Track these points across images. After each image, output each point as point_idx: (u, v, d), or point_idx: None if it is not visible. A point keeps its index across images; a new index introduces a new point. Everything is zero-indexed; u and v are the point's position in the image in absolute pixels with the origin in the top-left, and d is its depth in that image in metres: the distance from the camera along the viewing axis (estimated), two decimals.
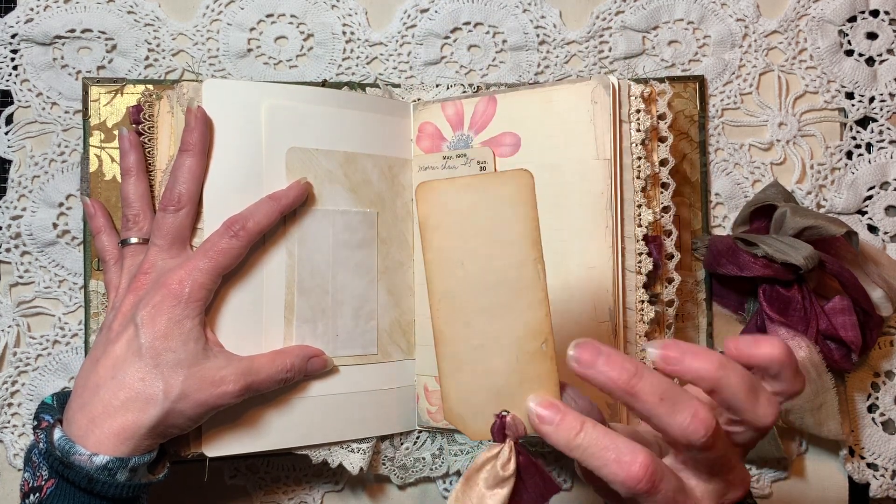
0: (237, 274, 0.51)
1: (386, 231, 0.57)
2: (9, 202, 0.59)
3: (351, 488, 0.61)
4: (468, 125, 0.57)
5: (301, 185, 0.52)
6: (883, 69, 0.62)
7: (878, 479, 0.60)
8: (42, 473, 0.46)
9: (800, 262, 0.54)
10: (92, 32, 0.60)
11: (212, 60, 0.61)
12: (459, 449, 0.58)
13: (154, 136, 0.53)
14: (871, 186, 0.62)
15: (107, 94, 0.57)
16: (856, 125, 0.62)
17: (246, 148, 0.52)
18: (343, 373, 0.55)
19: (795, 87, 0.62)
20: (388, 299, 0.57)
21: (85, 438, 0.45)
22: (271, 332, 0.52)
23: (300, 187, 0.52)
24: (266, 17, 0.61)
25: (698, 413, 0.34)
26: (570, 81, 0.55)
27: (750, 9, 0.62)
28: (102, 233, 0.54)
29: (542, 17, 0.62)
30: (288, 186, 0.52)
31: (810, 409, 0.56)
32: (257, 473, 0.60)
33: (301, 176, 0.53)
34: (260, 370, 0.50)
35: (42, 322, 0.59)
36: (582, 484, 0.61)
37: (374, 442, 0.56)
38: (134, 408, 0.46)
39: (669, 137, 0.55)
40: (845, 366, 0.57)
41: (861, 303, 0.56)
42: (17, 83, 0.60)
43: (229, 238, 0.49)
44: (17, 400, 0.59)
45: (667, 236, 0.55)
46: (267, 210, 0.51)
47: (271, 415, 0.52)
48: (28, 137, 0.60)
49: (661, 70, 0.62)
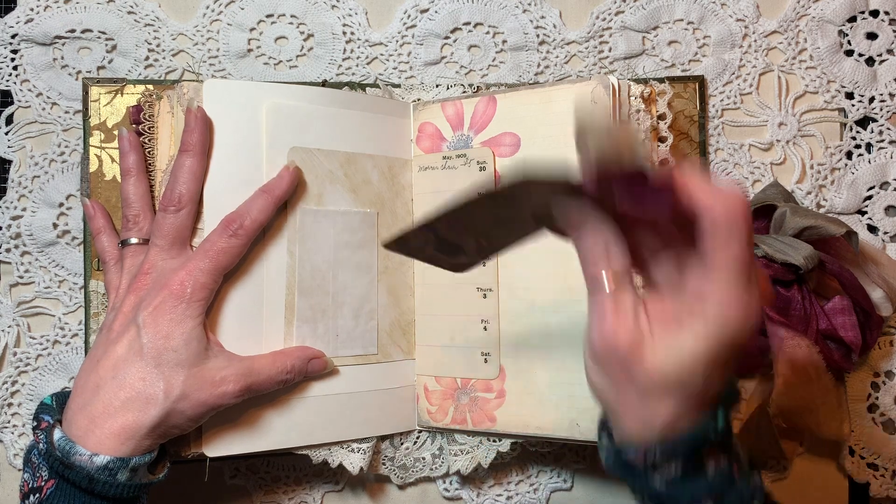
0: (238, 274, 0.51)
1: (386, 231, 0.57)
2: (9, 202, 0.59)
3: (351, 488, 0.61)
4: (468, 125, 0.57)
5: (291, 171, 0.52)
6: (883, 69, 0.62)
7: (878, 479, 0.60)
8: (42, 474, 0.46)
9: (800, 262, 0.54)
10: (92, 32, 0.60)
11: (212, 60, 0.61)
12: (459, 449, 0.58)
13: (154, 137, 0.53)
14: (871, 186, 0.62)
15: (107, 95, 0.57)
16: (856, 125, 0.62)
17: (246, 148, 0.52)
18: (343, 373, 0.55)
19: (795, 88, 0.62)
20: (389, 299, 0.57)
21: (85, 438, 0.45)
22: (271, 333, 0.52)
23: (291, 174, 0.52)
24: (266, 18, 0.61)
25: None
26: (570, 81, 0.55)
27: (750, 9, 0.62)
28: (102, 233, 0.54)
29: (542, 17, 0.62)
30: (278, 176, 0.52)
31: (810, 409, 0.56)
32: (257, 473, 0.60)
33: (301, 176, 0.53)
34: (260, 371, 0.50)
35: (42, 322, 0.59)
36: (582, 484, 0.61)
37: (374, 442, 0.56)
38: (134, 408, 0.46)
39: (669, 137, 0.55)
40: (845, 366, 0.57)
41: (861, 303, 0.56)
42: (17, 83, 0.60)
43: (228, 237, 0.49)
44: (17, 400, 0.59)
45: None
46: (263, 204, 0.51)
47: (271, 415, 0.52)
48: (28, 137, 0.60)
49: (661, 70, 0.62)
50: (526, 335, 0.54)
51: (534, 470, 0.61)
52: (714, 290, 0.33)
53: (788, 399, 0.56)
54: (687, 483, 0.37)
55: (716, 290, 0.33)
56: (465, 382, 0.56)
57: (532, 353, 0.54)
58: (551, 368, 0.52)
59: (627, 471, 0.38)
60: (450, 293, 0.56)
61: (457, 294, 0.56)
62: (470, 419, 0.56)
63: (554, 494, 0.61)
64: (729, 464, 0.37)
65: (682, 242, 0.35)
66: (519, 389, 0.54)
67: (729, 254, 0.33)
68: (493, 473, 0.61)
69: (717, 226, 0.33)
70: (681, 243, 0.35)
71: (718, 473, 0.37)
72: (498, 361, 0.55)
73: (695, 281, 0.34)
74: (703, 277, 0.34)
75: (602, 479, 0.61)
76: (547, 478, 0.61)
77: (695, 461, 0.37)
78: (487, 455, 0.58)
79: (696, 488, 0.37)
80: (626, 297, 0.36)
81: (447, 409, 0.56)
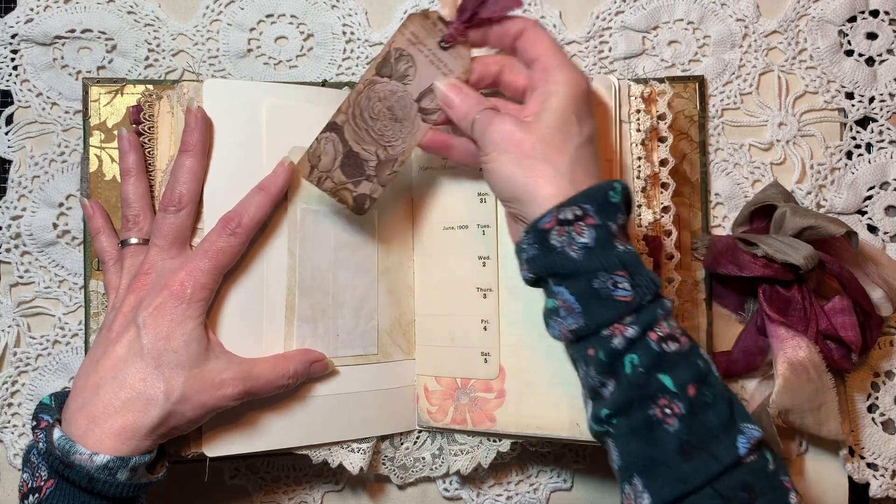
0: (238, 274, 0.51)
1: (386, 231, 0.57)
2: (9, 202, 0.59)
3: (351, 488, 0.61)
4: None
5: (286, 167, 0.52)
6: (883, 69, 0.62)
7: (878, 479, 0.60)
8: (41, 474, 0.46)
9: (800, 262, 0.54)
10: (92, 32, 0.60)
11: (212, 60, 0.61)
12: (459, 449, 0.58)
13: (154, 137, 0.53)
14: (870, 186, 0.62)
15: (107, 95, 0.57)
16: (856, 125, 0.62)
17: (246, 148, 0.52)
18: (343, 373, 0.55)
19: (795, 87, 0.62)
20: (389, 299, 0.57)
21: (85, 438, 0.45)
22: (272, 332, 0.52)
23: (286, 170, 0.52)
24: (266, 18, 0.61)
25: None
26: None
27: (750, 9, 0.62)
28: (101, 234, 0.54)
29: (542, 17, 0.62)
30: (273, 172, 0.52)
31: (810, 409, 0.56)
32: (257, 473, 0.60)
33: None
34: (260, 375, 0.50)
35: (42, 322, 0.59)
36: (582, 484, 0.61)
37: (374, 442, 0.56)
38: (135, 408, 0.46)
39: (669, 137, 0.55)
40: (845, 366, 0.57)
41: (861, 303, 0.56)
42: (17, 83, 0.60)
43: (227, 236, 0.49)
44: (17, 400, 0.59)
45: (666, 236, 0.55)
46: (260, 201, 0.51)
47: (271, 415, 0.52)
48: (28, 137, 0.60)
49: (661, 70, 0.62)
50: (526, 335, 0.54)
51: (534, 470, 0.61)
52: (554, 66, 0.46)
53: (788, 399, 0.56)
54: (599, 253, 0.43)
55: (555, 65, 0.46)
56: (465, 382, 0.56)
57: (532, 353, 0.54)
58: (552, 368, 0.52)
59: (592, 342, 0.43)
60: (450, 293, 0.57)
61: (457, 294, 0.56)
62: (470, 419, 0.56)
63: (554, 494, 0.61)
64: (633, 250, 0.44)
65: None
66: (519, 389, 0.54)
67: (555, 51, 0.47)
68: (493, 473, 0.61)
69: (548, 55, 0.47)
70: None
71: (627, 252, 0.43)
72: (498, 361, 0.55)
73: (540, 73, 0.47)
74: (546, 68, 0.47)
75: (602, 479, 0.61)
76: (547, 478, 0.61)
77: (605, 234, 0.43)
78: (487, 455, 0.58)
79: (608, 260, 0.43)
80: (505, 113, 0.47)
81: (447, 409, 0.56)
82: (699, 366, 0.43)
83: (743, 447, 0.41)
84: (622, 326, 0.42)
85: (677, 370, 0.42)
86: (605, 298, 0.42)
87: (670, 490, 0.41)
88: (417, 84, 0.51)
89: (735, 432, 0.42)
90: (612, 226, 0.43)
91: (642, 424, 0.42)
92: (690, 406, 0.42)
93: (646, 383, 0.42)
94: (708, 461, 0.41)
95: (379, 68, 0.50)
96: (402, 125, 0.51)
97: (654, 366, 0.42)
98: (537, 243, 0.44)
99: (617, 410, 0.43)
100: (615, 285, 0.42)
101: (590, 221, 0.43)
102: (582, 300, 0.43)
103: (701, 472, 0.41)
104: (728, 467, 0.41)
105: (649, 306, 0.43)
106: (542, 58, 0.47)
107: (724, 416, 0.42)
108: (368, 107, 0.50)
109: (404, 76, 0.50)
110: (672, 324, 0.43)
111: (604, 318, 0.42)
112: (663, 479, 0.41)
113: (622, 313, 0.42)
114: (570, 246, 0.43)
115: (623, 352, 0.42)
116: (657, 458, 0.42)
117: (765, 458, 0.42)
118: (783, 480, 0.42)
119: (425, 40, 0.50)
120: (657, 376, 0.42)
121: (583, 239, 0.43)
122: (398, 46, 0.50)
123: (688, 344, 0.43)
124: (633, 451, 0.42)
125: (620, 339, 0.42)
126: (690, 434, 0.41)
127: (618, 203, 0.44)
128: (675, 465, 0.41)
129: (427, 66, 0.50)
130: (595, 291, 0.43)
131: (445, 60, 0.50)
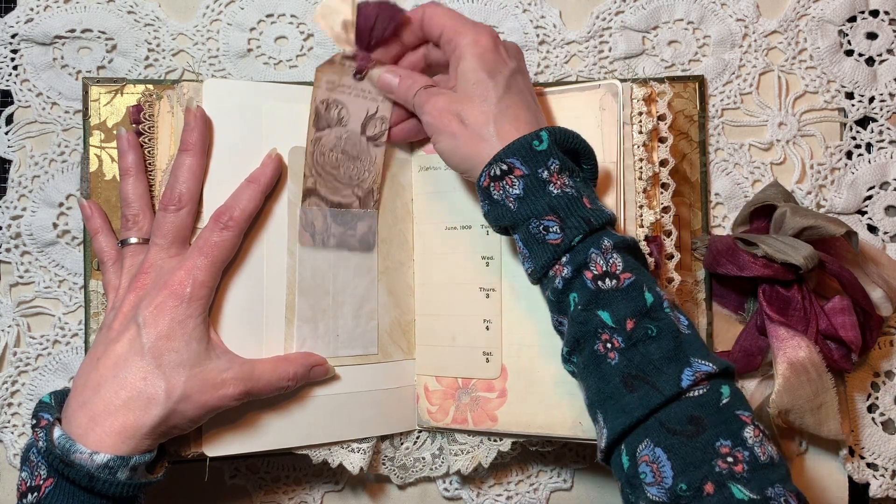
0: (239, 274, 0.51)
1: (386, 231, 0.57)
2: (9, 202, 0.59)
3: (351, 488, 0.61)
4: None
5: (273, 158, 0.52)
6: (883, 69, 0.62)
7: (878, 479, 0.60)
8: (40, 473, 0.46)
9: (800, 262, 0.54)
10: (92, 32, 0.60)
11: (212, 60, 0.61)
12: (460, 448, 0.58)
13: (154, 136, 0.53)
14: (870, 186, 0.62)
15: (107, 94, 0.57)
16: (856, 125, 0.62)
17: (246, 148, 0.52)
18: (343, 373, 0.55)
19: (795, 87, 0.62)
20: (389, 299, 0.57)
21: (85, 437, 0.45)
22: (272, 332, 0.52)
23: (274, 161, 0.52)
24: (266, 17, 0.61)
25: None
26: (578, 88, 0.55)
27: (750, 9, 0.62)
28: (100, 234, 0.54)
29: (542, 17, 0.62)
30: (262, 164, 0.52)
31: (810, 409, 0.56)
32: (257, 473, 0.60)
33: (300, 176, 0.53)
34: (261, 377, 0.50)
35: (42, 322, 0.59)
36: (582, 484, 0.61)
37: (374, 442, 0.56)
38: (135, 407, 0.46)
39: (669, 138, 0.55)
40: (845, 366, 0.57)
41: (861, 303, 0.56)
42: (17, 83, 0.60)
43: (220, 230, 0.49)
44: (17, 400, 0.59)
45: (667, 236, 0.55)
46: (250, 194, 0.51)
47: (272, 415, 0.52)
48: (28, 137, 0.60)
49: (661, 70, 0.62)
50: (528, 335, 0.54)
51: (534, 470, 0.61)
52: (454, 34, 0.49)
53: (788, 399, 0.56)
54: (531, 201, 0.46)
55: (454, 32, 0.50)
56: (466, 382, 0.56)
57: (534, 353, 0.54)
58: (554, 367, 0.52)
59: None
60: (452, 293, 0.56)
61: (459, 294, 0.56)
62: (471, 419, 0.56)
63: (554, 494, 0.61)
64: (575, 191, 0.46)
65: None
66: (521, 389, 0.54)
67: (453, 20, 0.50)
68: (494, 473, 0.61)
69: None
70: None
71: (561, 195, 0.46)
72: (500, 361, 0.55)
73: (447, 46, 0.50)
74: (448, 39, 0.50)
75: (602, 479, 0.61)
76: (547, 478, 0.61)
77: (534, 183, 0.46)
78: (488, 455, 0.58)
79: (538, 206, 0.46)
80: (438, 89, 0.51)
81: (448, 409, 0.56)
82: (643, 300, 0.44)
83: (687, 379, 0.42)
84: (560, 267, 0.46)
85: (615, 305, 0.44)
86: (542, 242, 0.46)
87: (620, 422, 0.43)
88: (355, 119, 0.54)
89: (682, 365, 0.43)
90: (542, 172, 0.46)
91: (591, 360, 0.44)
92: (629, 339, 0.43)
93: (586, 320, 0.45)
94: (650, 392, 0.42)
95: (316, 124, 0.53)
96: (360, 160, 0.55)
97: (591, 302, 0.45)
98: (486, 200, 0.48)
99: (571, 347, 0.46)
100: (546, 229, 0.46)
101: (518, 173, 0.46)
102: (528, 246, 0.47)
103: (643, 403, 0.42)
104: (670, 398, 0.42)
105: (579, 245, 0.45)
106: (443, 32, 0.50)
107: (668, 348, 0.43)
108: (325, 161, 0.54)
109: (340, 119, 0.54)
110: (613, 259, 0.45)
111: (543, 261, 0.46)
112: (613, 412, 0.43)
113: (557, 255, 0.46)
114: (507, 198, 0.47)
115: (564, 290, 0.46)
116: (606, 391, 0.44)
117: (717, 391, 0.42)
118: (739, 414, 0.42)
119: (342, 81, 0.53)
120: (596, 312, 0.44)
121: (515, 190, 0.46)
122: (322, 99, 0.53)
123: (629, 279, 0.45)
124: (591, 387, 0.45)
125: (559, 280, 0.46)
126: (630, 367, 0.43)
127: (545, 150, 0.46)
128: (620, 397, 0.43)
129: (355, 101, 0.54)
130: (533, 237, 0.46)
131: (367, 88, 0.54)
